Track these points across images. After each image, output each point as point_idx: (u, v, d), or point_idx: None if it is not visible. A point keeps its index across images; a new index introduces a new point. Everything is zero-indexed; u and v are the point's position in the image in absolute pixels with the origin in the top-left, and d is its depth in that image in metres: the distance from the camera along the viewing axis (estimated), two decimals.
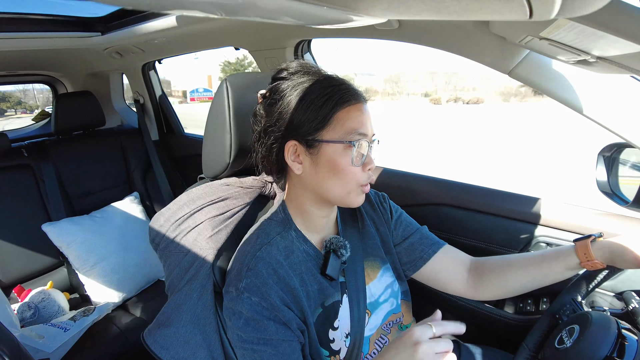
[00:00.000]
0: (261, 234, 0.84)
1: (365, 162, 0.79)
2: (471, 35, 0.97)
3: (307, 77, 0.79)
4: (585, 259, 0.82)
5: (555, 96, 0.92)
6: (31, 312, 1.67)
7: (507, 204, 1.23)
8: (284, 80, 0.80)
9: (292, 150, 0.79)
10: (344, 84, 0.79)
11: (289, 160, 0.80)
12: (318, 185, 0.80)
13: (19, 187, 1.93)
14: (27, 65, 2.25)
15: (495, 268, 0.94)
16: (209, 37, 1.62)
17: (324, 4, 0.36)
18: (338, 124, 0.76)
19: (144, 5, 0.38)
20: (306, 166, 0.80)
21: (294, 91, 0.78)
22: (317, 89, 0.77)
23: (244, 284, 0.76)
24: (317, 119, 0.76)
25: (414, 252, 0.99)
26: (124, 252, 1.94)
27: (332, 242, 0.86)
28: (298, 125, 0.77)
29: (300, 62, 0.82)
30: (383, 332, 0.92)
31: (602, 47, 0.57)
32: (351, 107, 0.77)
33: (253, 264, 0.78)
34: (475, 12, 0.33)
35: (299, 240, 0.85)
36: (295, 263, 0.82)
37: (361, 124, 0.77)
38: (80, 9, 1.60)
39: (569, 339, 0.75)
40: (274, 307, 0.74)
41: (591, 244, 0.82)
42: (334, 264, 0.84)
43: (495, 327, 1.24)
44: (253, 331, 0.74)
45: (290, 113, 0.77)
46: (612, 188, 1.00)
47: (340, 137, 0.76)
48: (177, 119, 2.57)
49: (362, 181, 0.79)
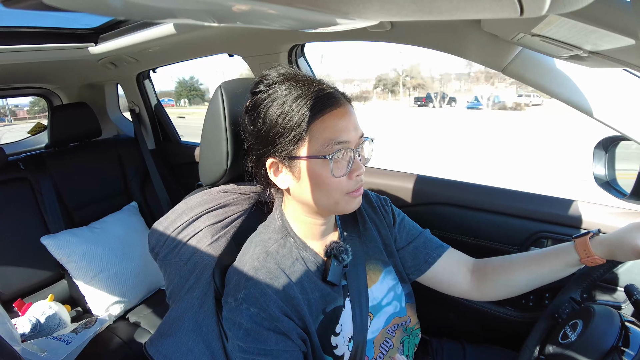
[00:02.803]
0: (260, 243, 0.84)
1: (352, 169, 0.76)
2: (463, 34, 0.97)
3: (284, 86, 0.76)
4: (585, 255, 0.83)
5: (550, 92, 0.92)
6: (32, 326, 1.66)
7: (505, 201, 1.24)
8: (262, 94, 0.78)
9: (273, 167, 0.79)
10: (320, 90, 0.76)
11: (271, 177, 0.80)
12: (305, 198, 0.79)
13: (16, 200, 1.92)
14: (21, 79, 2.25)
15: (498, 268, 0.95)
16: (202, 45, 1.62)
17: (316, 8, 0.36)
18: (314, 137, 0.73)
19: (136, 15, 0.38)
20: (290, 181, 0.79)
21: (269, 105, 0.76)
22: (290, 101, 0.74)
23: (243, 294, 0.75)
24: (291, 135, 0.74)
25: (418, 256, 0.99)
26: (124, 262, 1.93)
27: (333, 248, 0.85)
28: (274, 141, 0.76)
29: (279, 70, 0.80)
30: (387, 336, 0.92)
31: (594, 42, 0.57)
32: (326, 115, 0.74)
33: (252, 274, 0.77)
34: (467, 11, 0.33)
35: (298, 248, 0.85)
36: (295, 271, 0.81)
37: (339, 131, 0.74)
38: (73, 21, 1.60)
39: (573, 333, 0.75)
40: (273, 318, 0.74)
41: (590, 240, 0.83)
42: (336, 270, 0.84)
43: (498, 325, 1.24)
44: (253, 342, 0.74)
45: (266, 130, 0.76)
46: (609, 181, 1.00)
47: (317, 150, 0.73)
48: (174, 127, 2.57)
49: (349, 189, 0.77)
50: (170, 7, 0.34)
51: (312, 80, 0.78)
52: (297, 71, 0.80)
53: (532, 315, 1.16)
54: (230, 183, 0.98)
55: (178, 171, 2.54)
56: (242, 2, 0.33)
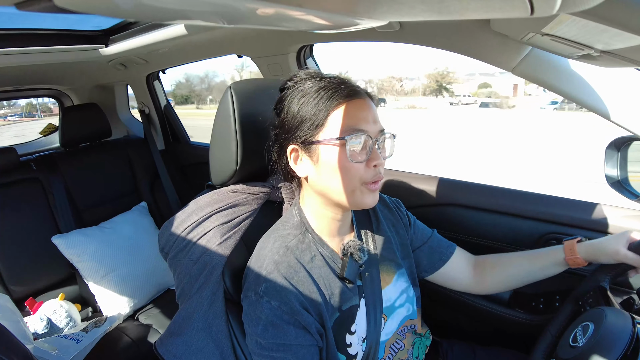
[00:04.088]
0: (278, 238, 0.84)
1: (370, 158, 0.76)
2: (473, 34, 0.96)
3: (310, 82, 0.79)
4: (570, 254, 0.91)
5: (561, 92, 0.91)
6: (43, 325, 1.68)
7: (514, 202, 1.23)
8: (288, 90, 0.81)
9: (293, 154, 0.80)
10: (342, 82, 0.78)
11: (291, 164, 0.81)
12: (323, 187, 0.80)
13: (28, 200, 1.95)
14: (33, 80, 2.28)
15: (495, 265, 1.03)
16: (212, 46, 1.63)
17: (325, 9, 0.36)
18: (333, 123, 0.75)
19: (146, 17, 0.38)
20: (309, 169, 0.80)
21: (293, 97, 0.79)
22: (313, 91, 0.77)
23: (264, 287, 0.76)
24: (311, 120, 0.76)
25: (433, 255, 1.03)
26: (133, 262, 1.95)
27: (350, 246, 0.85)
28: (296, 128, 0.78)
29: (308, 71, 0.83)
30: (398, 337, 0.92)
31: (606, 41, 0.57)
32: (347, 103, 0.76)
33: (272, 268, 0.78)
34: (477, 11, 0.32)
35: (316, 244, 0.85)
36: (314, 267, 0.82)
37: (358, 119, 0.75)
38: (83, 23, 1.61)
39: (582, 338, 0.74)
40: (294, 311, 0.74)
41: (577, 244, 0.92)
42: (352, 268, 0.84)
43: (507, 327, 1.23)
44: (272, 337, 0.74)
45: (289, 119, 0.79)
46: (621, 182, 0.99)
47: (336, 135, 0.75)
48: (183, 127, 2.58)
49: (366, 178, 0.77)
50: (180, 9, 0.34)
51: (336, 77, 0.81)
52: (323, 72, 0.83)
53: (542, 318, 1.15)
54: (239, 183, 0.99)
55: (187, 171, 2.56)
56: (251, 4, 0.33)
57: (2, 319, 1.47)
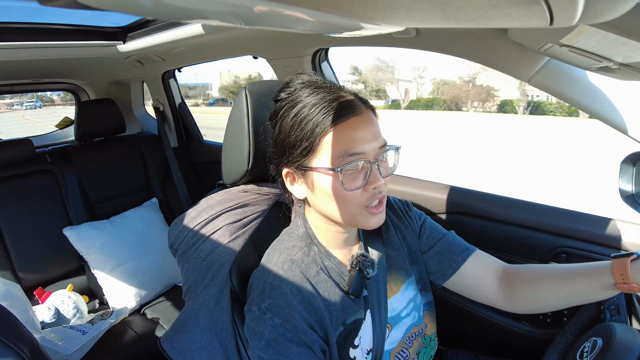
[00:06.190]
0: (284, 251, 0.82)
1: (368, 182, 0.72)
2: (490, 42, 0.96)
3: (304, 93, 0.74)
4: (622, 280, 0.72)
5: (577, 104, 0.90)
6: (51, 315, 1.70)
7: (526, 214, 1.21)
8: (282, 102, 0.77)
9: (289, 176, 0.79)
10: (337, 99, 0.73)
11: (288, 186, 0.80)
12: (323, 210, 0.78)
13: (42, 191, 1.98)
14: (51, 74, 2.32)
15: (526, 280, 0.87)
16: (228, 46, 1.64)
17: (341, 13, 0.36)
18: (326, 148, 0.71)
19: (164, 15, 0.39)
20: (306, 191, 0.79)
21: (286, 114, 0.75)
22: (305, 111, 0.72)
23: (267, 304, 0.73)
24: (302, 146, 0.72)
25: (442, 260, 0.94)
26: (142, 256, 1.97)
27: (359, 261, 0.81)
28: (289, 153, 0.75)
29: (302, 77, 0.78)
30: (405, 346, 0.90)
31: (626, 54, 0.56)
32: (340, 126, 0.71)
33: (277, 284, 0.76)
34: (495, 20, 0.32)
35: (321, 256, 0.83)
36: (319, 281, 0.80)
37: (353, 142, 0.70)
38: (102, 19, 1.64)
39: (589, 356, 0.72)
40: (297, 329, 0.72)
41: (630, 264, 0.72)
42: (359, 283, 0.81)
43: (515, 340, 1.22)
44: (274, 353, 0.71)
45: (281, 140, 0.76)
46: (635, 197, 0.97)
47: (329, 162, 0.71)
48: (196, 126, 2.60)
49: (365, 202, 0.73)
50: (199, 9, 0.35)
51: (332, 88, 0.76)
52: (319, 78, 0.78)
53: (549, 332, 1.13)
54: (250, 183, 0.99)
55: (199, 170, 2.58)
56: (268, 5, 0.33)
57: (12, 307, 1.49)
